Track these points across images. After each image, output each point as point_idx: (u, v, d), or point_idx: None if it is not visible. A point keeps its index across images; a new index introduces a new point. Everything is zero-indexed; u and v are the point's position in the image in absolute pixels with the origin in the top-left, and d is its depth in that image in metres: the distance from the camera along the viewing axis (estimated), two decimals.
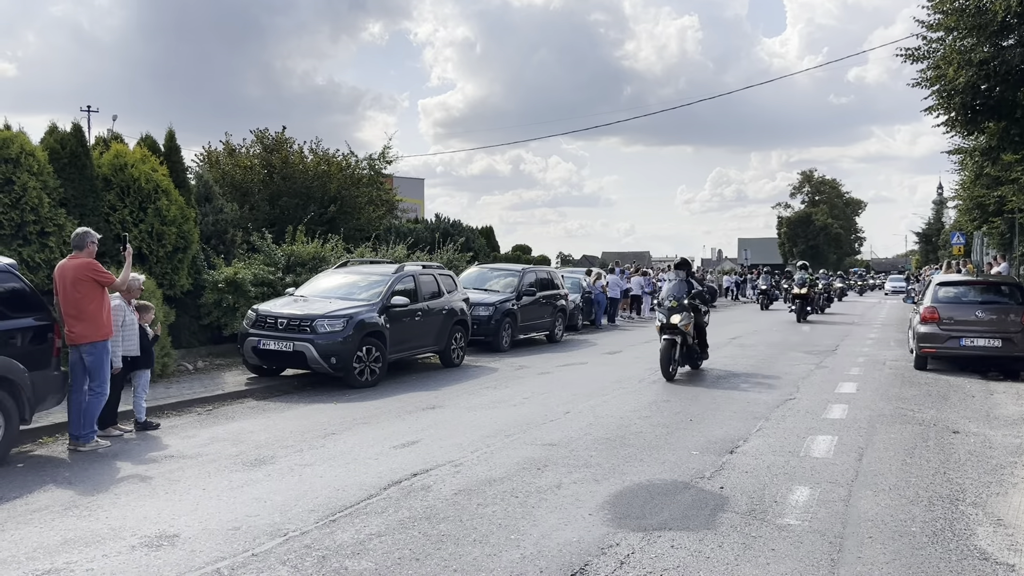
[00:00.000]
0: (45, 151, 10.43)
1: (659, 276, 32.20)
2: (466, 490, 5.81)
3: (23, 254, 9.45)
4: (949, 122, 15.55)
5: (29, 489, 5.89)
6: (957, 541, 4.89)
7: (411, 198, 38.33)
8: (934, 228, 73.17)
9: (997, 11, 12.33)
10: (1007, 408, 9.45)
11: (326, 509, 5.35)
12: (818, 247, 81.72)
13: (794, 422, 8.38)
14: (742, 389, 10.51)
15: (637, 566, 4.40)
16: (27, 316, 6.83)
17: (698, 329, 11.79)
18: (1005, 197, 24.01)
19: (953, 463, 6.78)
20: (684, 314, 11.07)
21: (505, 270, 17.61)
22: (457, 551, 4.60)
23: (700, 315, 11.78)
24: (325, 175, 19.25)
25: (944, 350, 12.35)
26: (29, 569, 4.34)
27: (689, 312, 11.22)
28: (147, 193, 11.40)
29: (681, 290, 11.44)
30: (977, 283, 13.79)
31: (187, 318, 12.34)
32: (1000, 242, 30.79)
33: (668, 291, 11.56)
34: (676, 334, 11.06)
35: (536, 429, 7.89)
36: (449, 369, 12.58)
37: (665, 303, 11.34)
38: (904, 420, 8.61)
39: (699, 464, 6.61)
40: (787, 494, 5.77)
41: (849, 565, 4.47)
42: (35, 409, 6.83)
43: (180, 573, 4.28)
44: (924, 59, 14.69)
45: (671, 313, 11.08)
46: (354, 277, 12.19)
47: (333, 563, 4.41)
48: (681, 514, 5.30)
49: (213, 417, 8.66)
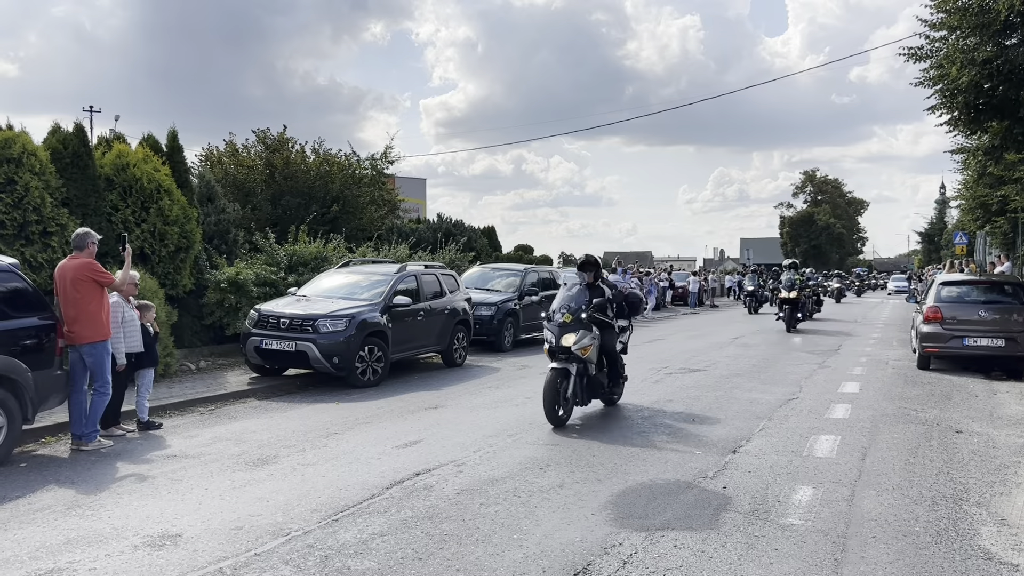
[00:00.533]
0: (47, 151, 10.45)
1: (660, 276, 32.25)
2: (468, 490, 5.80)
3: (26, 254, 9.46)
4: (952, 121, 15.52)
5: (32, 488, 5.89)
6: (961, 541, 4.88)
7: (413, 198, 38.32)
8: (937, 228, 73.13)
9: (1000, 10, 12.30)
10: (1010, 408, 9.43)
11: (329, 509, 5.35)
12: (820, 247, 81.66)
13: (797, 422, 8.37)
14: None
15: (640, 566, 4.40)
16: (30, 316, 6.83)
17: (607, 354, 8.68)
18: (1008, 196, 23.96)
19: (956, 463, 6.77)
20: (581, 333, 8.07)
21: (507, 270, 17.61)
22: (460, 550, 4.60)
23: (611, 333, 8.68)
24: (327, 175, 19.26)
25: (947, 350, 12.33)
26: (32, 569, 4.34)
27: (590, 330, 8.22)
28: (149, 193, 11.41)
29: (580, 299, 8.31)
30: (980, 283, 13.77)
31: (189, 318, 12.35)
32: (1003, 242, 30.72)
33: (561, 300, 8.44)
34: (570, 361, 8.09)
35: (538, 429, 7.88)
36: (451, 369, 12.57)
37: (556, 316, 8.26)
38: (907, 420, 8.59)
39: (702, 464, 6.60)
40: (790, 494, 5.76)
41: (852, 565, 4.45)
42: (38, 409, 6.84)
43: (183, 573, 4.28)
44: (927, 58, 14.65)
45: (562, 332, 8.06)
46: (356, 277, 12.19)
47: (336, 563, 4.41)
48: (684, 514, 5.29)
49: (215, 417, 8.67)
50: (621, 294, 9.02)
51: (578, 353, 8.00)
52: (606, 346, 8.56)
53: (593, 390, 8.42)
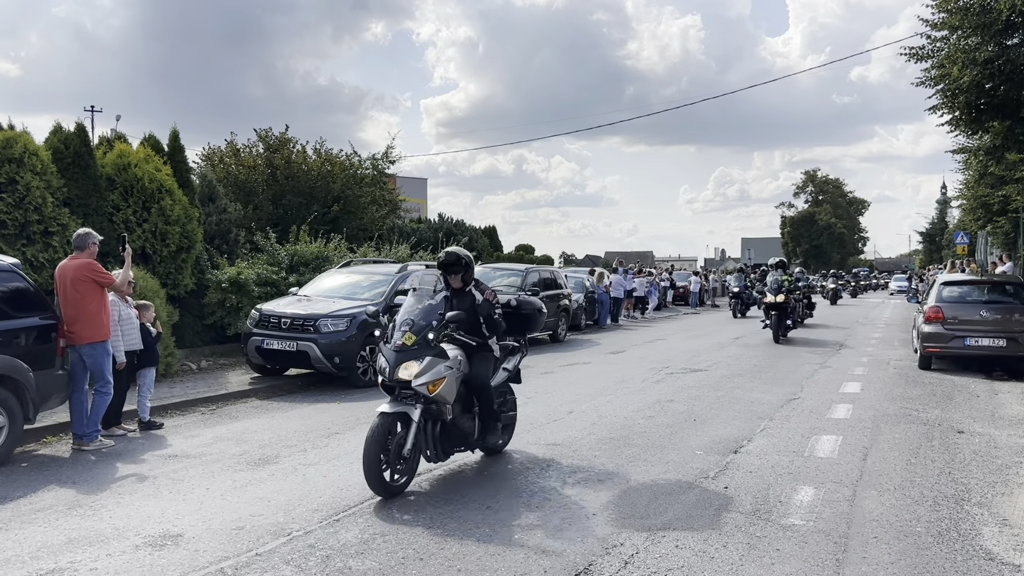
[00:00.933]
0: (49, 151, 10.46)
1: (661, 276, 32.24)
2: (469, 489, 5.79)
3: (27, 254, 9.47)
4: (953, 121, 15.53)
5: (33, 488, 5.90)
6: (962, 541, 4.87)
7: (414, 198, 38.34)
8: (938, 228, 73.03)
9: (1002, 10, 12.30)
10: (1012, 408, 9.42)
11: (330, 509, 5.35)
12: (822, 247, 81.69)
13: (798, 422, 8.36)
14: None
15: (641, 566, 4.39)
16: (31, 315, 6.84)
17: (477, 388, 6.20)
18: (1009, 196, 23.91)
19: (958, 463, 6.76)
20: (429, 361, 5.67)
21: (508, 270, 17.61)
22: (461, 551, 4.59)
23: (484, 360, 6.29)
24: (328, 175, 19.28)
25: (948, 350, 12.31)
26: (33, 569, 4.34)
27: (444, 356, 5.83)
28: (151, 193, 11.42)
29: (430, 313, 5.95)
30: (982, 283, 13.76)
31: (191, 318, 12.36)
32: (1004, 241, 30.68)
33: (404, 314, 5.99)
34: (411, 401, 5.66)
35: (539, 429, 7.88)
36: None
37: (395, 336, 5.82)
38: (909, 420, 8.58)
39: (703, 464, 6.59)
40: (792, 494, 5.76)
41: (854, 565, 4.45)
42: (39, 408, 6.85)
43: (184, 573, 4.28)
44: (928, 58, 14.66)
45: (400, 359, 5.66)
46: (357, 277, 12.19)
47: (337, 563, 4.41)
48: (685, 514, 5.29)
49: (217, 417, 8.67)
50: (508, 305, 6.77)
51: (421, 390, 5.55)
52: (476, 378, 6.13)
53: (452, 439, 6.01)
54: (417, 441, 5.63)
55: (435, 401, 5.70)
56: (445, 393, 5.71)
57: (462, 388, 6.05)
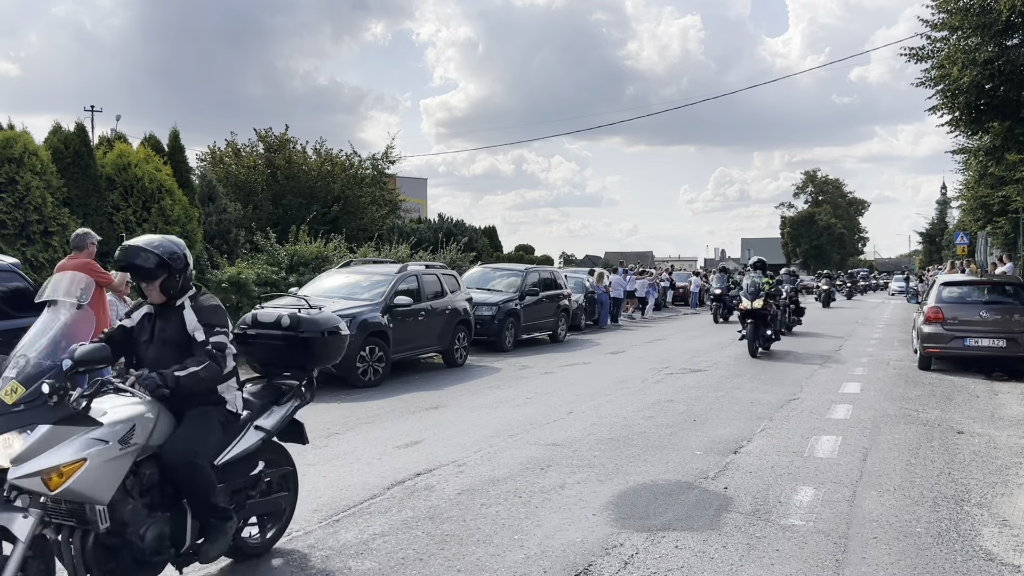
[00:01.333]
0: (49, 151, 10.48)
1: (661, 276, 32.24)
2: (469, 490, 5.80)
3: (27, 253, 9.48)
4: (953, 122, 15.54)
5: None
6: (962, 542, 4.87)
7: (414, 198, 38.36)
8: (938, 228, 73.09)
9: (1002, 10, 12.31)
10: (1012, 408, 9.42)
11: (330, 509, 5.35)
12: (821, 247, 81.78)
13: (798, 422, 8.36)
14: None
15: (641, 566, 4.39)
16: (31, 315, 6.81)
17: (172, 469, 3.67)
18: (1009, 197, 23.96)
19: (958, 464, 6.76)
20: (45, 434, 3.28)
21: (508, 270, 17.62)
22: (461, 551, 4.59)
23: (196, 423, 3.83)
24: (328, 175, 19.31)
25: (948, 350, 12.31)
26: None
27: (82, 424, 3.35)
28: (151, 193, 11.43)
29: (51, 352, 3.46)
30: (981, 283, 13.77)
31: None
32: (1004, 242, 30.72)
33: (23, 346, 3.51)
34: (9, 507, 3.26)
35: (539, 429, 7.88)
36: (452, 369, 12.57)
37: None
38: (908, 420, 8.58)
39: (703, 464, 6.59)
40: (791, 494, 5.76)
41: (854, 566, 4.45)
42: None
43: (184, 572, 4.27)
44: (928, 59, 14.67)
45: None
46: (357, 277, 12.19)
47: (337, 563, 4.41)
48: (685, 514, 5.29)
49: None
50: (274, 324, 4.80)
51: (28, 485, 3.26)
52: (170, 454, 3.68)
53: (122, 559, 3.51)
54: (34, 571, 3.24)
55: (66, 501, 3.32)
56: (84, 487, 3.29)
57: (151, 469, 3.66)
